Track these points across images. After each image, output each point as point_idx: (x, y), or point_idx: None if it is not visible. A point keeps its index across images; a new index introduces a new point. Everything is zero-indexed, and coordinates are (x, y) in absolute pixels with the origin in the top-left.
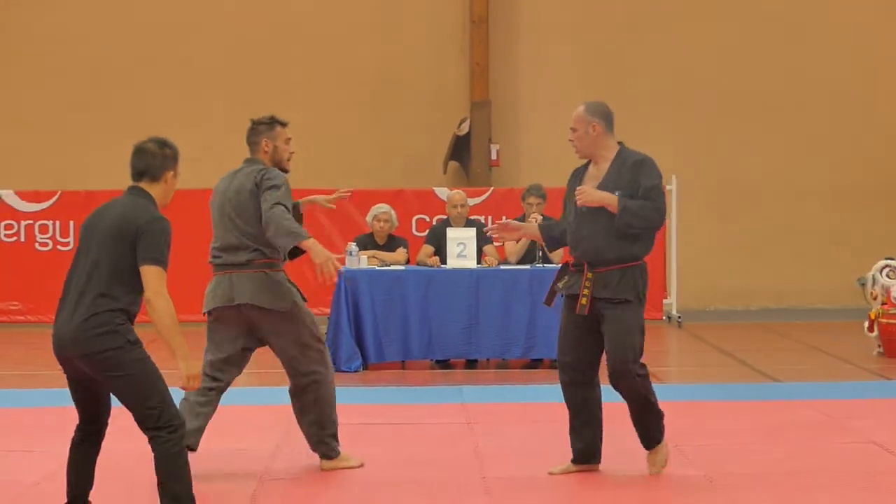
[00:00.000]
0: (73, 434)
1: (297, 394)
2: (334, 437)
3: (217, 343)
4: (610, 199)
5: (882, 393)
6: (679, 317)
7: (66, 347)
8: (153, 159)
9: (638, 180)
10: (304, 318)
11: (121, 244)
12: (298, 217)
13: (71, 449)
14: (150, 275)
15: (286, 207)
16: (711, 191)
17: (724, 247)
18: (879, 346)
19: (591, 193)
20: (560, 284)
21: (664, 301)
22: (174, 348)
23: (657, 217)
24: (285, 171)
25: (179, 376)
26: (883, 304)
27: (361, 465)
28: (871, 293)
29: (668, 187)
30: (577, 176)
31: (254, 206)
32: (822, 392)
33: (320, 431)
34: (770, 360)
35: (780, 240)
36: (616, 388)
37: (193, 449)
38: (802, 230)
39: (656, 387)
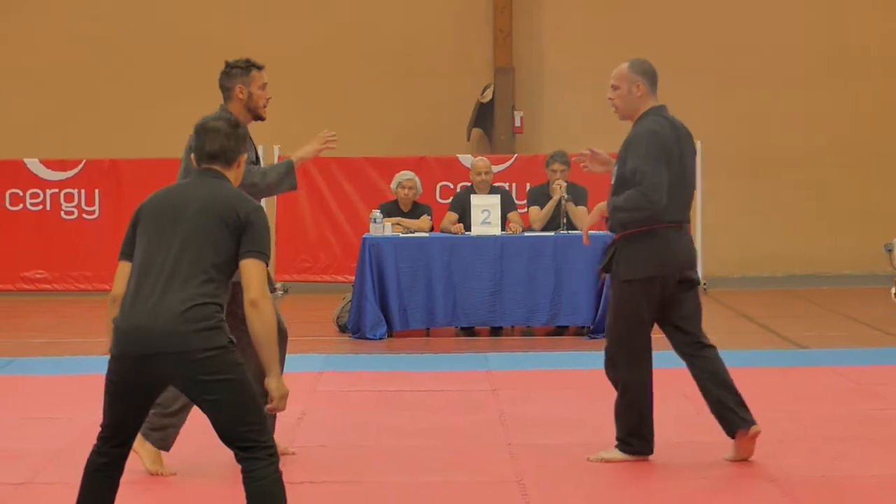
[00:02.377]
0: (90, 457)
1: None
2: None
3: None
4: (599, 214)
5: None
6: (705, 283)
7: (151, 343)
8: (227, 141)
9: (626, 162)
10: None
11: (222, 232)
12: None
13: (89, 476)
14: (256, 271)
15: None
16: (739, 157)
17: (750, 213)
18: None
19: (587, 222)
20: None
21: None
22: (268, 362)
23: (645, 201)
24: (261, 118)
25: (271, 394)
26: None
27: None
28: None
29: None
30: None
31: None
32: (850, 359)
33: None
34: (796, 326)
35: (807, 206)
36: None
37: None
38: (829, 196)
39: (666, 354)
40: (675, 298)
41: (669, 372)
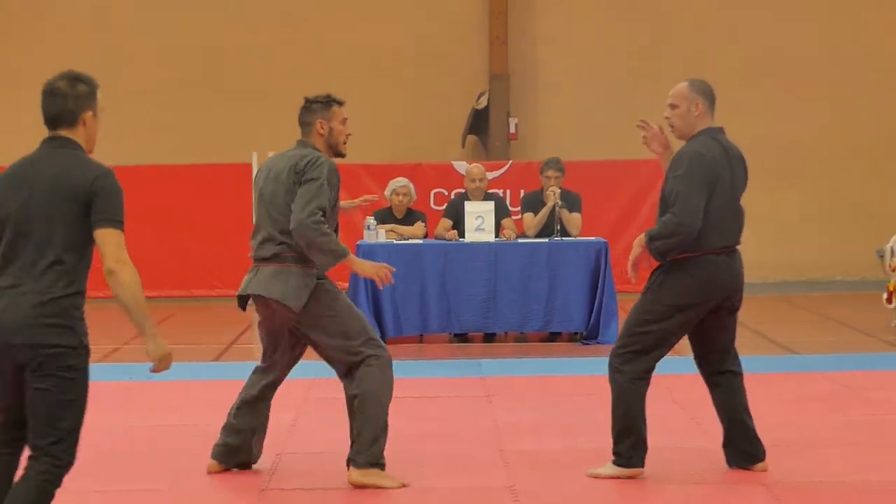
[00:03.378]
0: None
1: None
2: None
3: (262, 337)
4: (639, 247)
5: None
6: None
7: (7, 333)
8: (66, 102)
9: (667, 181)
10: (327, 324)
11: (73, 209)
12: (335, 227)
13: None
14: (109, 240)
15: (322, 212)
16: None
17: None
18: None
19: (631, 260)
20: None
21: None
22: (141, 325)
23: (678, 226)
24: (341, 154)
25: (149, 357)
26: None
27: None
28: (890, 265)
29: None
30: None
31: (285, 196)
32: (841, 364)
33: (356, 438)
34: (788, 332)
35: (798, 213)
36: None
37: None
38: (821, 202)
39: (675, 359)
40: (713, 325)
41: (659, 378)
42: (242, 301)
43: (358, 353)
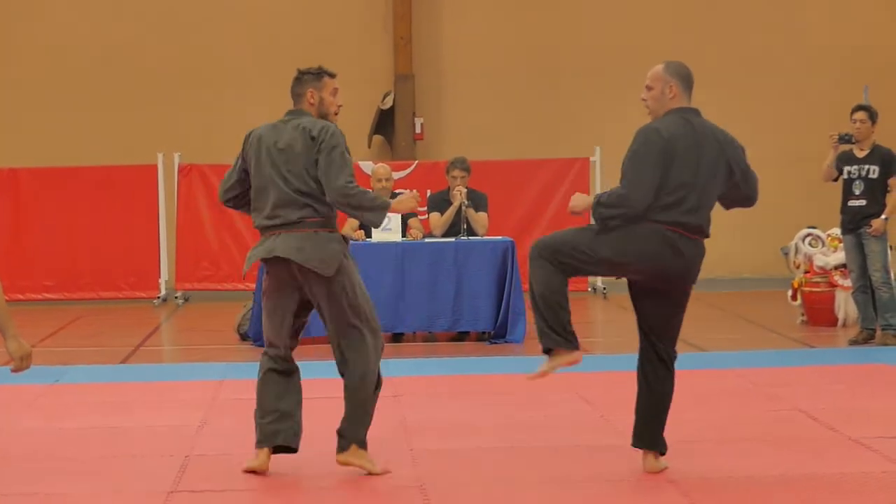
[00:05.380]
0: None
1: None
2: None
3: (267, 309)
4: (584, 203)
5: (806, 360)
6: (604, 288)
7: None
8: None
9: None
10: (343, 296)
11: None
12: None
13: None
14: None
15: (353, 176)
16: None
17: None
18: (803, 314)
19: (576, 201)
20: None
21: None
22: (3, 326)
23: (621, 199)
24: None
25: (10, 356)
26: (806, 272)
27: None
28: (794, 262)
29: (591, 159)
30: None
31: (306, 162)
32: (748, 360)
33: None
34: (696, 329)
35: None
36: None
37: (295, 449)
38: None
39: (584, 358)
40: (648, 302)
41: (568, 376)
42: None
43: (358, 329)
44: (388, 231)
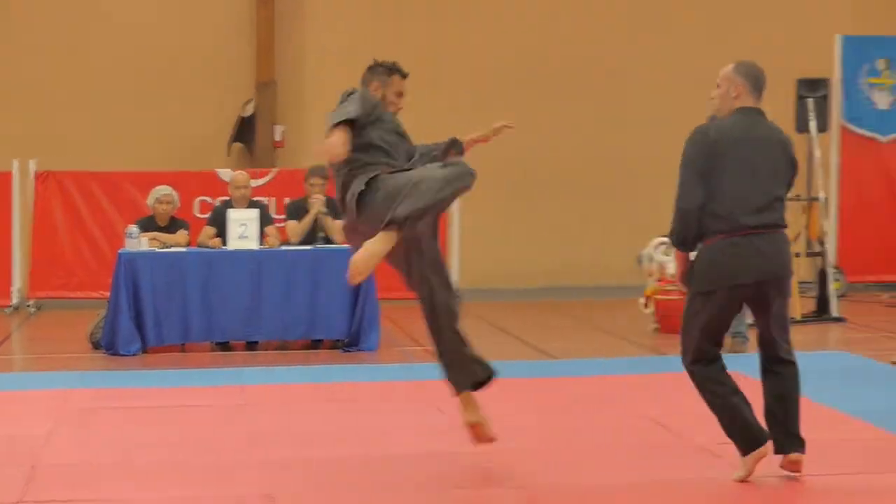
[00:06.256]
0: None
1: None
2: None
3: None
4: (672, 252)
5: (657, 368)
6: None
7: None
8: None
9: None
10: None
11: None
12: (460, 150)
13: None
14: None
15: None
16: (495, 170)
17: (504, 226)
18: (655, 321)
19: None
20: None
21: None
22: None
23: (675, 212)
24: None
25: None
26: (658, 280)
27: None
28: (648, 270)
29: None
30: None
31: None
32: (599, 368)
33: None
34: (548, 337)
35: (559, 218)
36: None
37: None
38: (581, 209)
39: (421, 366)
40: (757, 310)
41: (423, 384)
42: None
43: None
44: (245, 239)
